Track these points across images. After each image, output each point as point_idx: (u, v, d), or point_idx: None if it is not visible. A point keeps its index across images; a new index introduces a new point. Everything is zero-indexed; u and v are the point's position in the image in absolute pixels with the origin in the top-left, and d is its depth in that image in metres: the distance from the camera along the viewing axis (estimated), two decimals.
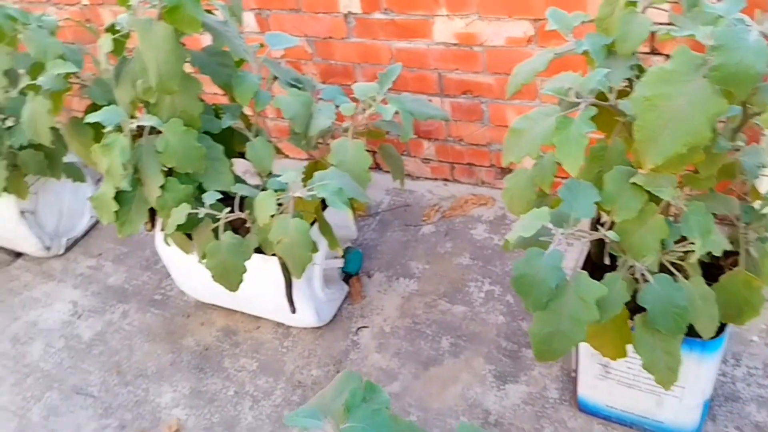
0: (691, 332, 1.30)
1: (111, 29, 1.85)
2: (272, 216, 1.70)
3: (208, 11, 1.87)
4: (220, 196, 1.84)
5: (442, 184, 2.77)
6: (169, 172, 1.86)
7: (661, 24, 1.38)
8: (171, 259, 2.21)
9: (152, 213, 1.98)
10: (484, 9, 2.17)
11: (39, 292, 2.66)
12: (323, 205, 1.98)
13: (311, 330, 2.25)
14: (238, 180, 1.97)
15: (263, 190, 1.89)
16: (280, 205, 1.73)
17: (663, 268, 1.34)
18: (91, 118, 1.77)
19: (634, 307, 1.32)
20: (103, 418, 2.11)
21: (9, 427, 2.14)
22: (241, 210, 1.87)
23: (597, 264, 1.52)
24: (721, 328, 1.38)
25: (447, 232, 2.52)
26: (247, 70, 1.96)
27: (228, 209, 1.83)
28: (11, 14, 1.90)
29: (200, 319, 2.38)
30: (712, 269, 1.47)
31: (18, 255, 2.88)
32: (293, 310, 2.03)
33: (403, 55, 2.43)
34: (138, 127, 1.81)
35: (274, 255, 1.89)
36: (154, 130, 1.83)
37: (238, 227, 1.92)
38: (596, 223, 1.43)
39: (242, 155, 2.13)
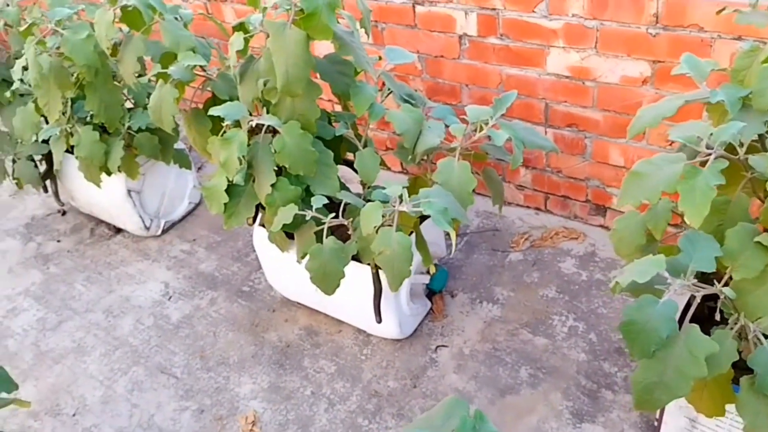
0: None
1: (242, 28, 1.93)
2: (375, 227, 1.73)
3: None
4: (326, 201, 1.89)
5: (533, 212, 2.76)
6: (279, 172, 1.92)
7: None
8: (266, 255, 2.28)
9: (255, 208, 2.05)
10: (603, 45, 2.15)
11: (134, 269, 2.78)
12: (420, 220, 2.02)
13: (391, 341, 2.27)
14: (343, 187, 2.01)
15: (365, 199, 1.94)
16: (382, 216, 1.76)
17: None
18: (215, 111, 1.85)
19: (735, 365, 1.29)
20: (183, 400, 2.19)
21: (95, 395, 2.25)
22: (342, 216, 1.91)
23: (696, 315, 1.49)
24: None
25: (535, 262, 2.51)
26: (362, 81, 2.01)
27: (332, 215, 1.88)
28: (152, 4, 2.00)
29: (284, 316, 2.44)
30: None
31: (118, 231, 3.02)
32: (379, 320, 2.06)
33: (513, 81, 2.44)
34: (256, 125, 1.88)
35: (368, 264, 1.93)
36: (269, 129, 1.90)
37: (333, 231, 1.97)
38: (706, 276, 1.41)
39: (345, 162, 2.18)
